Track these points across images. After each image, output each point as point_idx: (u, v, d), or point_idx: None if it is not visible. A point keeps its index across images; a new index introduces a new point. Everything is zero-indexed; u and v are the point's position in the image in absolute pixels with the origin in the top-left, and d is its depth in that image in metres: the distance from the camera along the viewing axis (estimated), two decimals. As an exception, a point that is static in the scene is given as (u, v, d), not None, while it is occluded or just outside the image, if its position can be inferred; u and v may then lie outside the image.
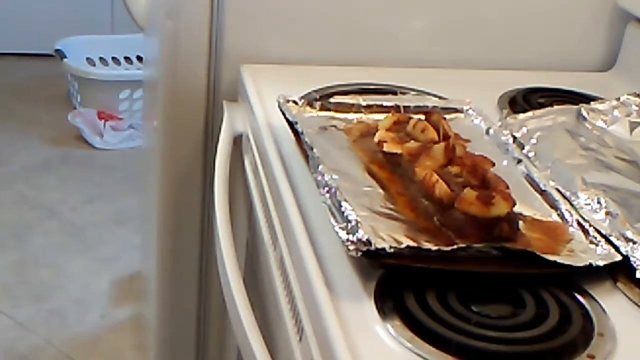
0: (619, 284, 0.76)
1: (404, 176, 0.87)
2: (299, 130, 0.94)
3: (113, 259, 2.29)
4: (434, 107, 1.05)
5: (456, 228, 0.78)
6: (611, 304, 0.74)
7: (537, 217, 0.84)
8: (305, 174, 0.90)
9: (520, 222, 0.81)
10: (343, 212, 0.77)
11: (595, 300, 0.74)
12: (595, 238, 0.80)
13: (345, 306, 0.70)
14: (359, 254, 0.73)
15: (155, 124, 1.34)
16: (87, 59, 3.08)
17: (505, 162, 0.95)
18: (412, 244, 0.75)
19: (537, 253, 0.75)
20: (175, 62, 1.24)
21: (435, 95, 1.12)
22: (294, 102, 1.02)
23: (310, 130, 0.95)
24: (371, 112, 1.03)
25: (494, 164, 0.86)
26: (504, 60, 1.30)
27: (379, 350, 0.66)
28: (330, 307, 0.69)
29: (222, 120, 1.17)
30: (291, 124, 0.97)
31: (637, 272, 0.75)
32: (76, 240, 2.36)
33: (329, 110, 1.03)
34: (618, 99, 1.09)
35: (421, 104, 1.05)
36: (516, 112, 1.08)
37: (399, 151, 0.89)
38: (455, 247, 0.74)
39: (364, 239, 0.73)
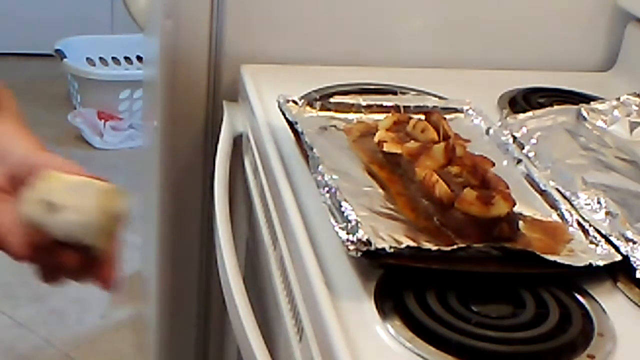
0: (619, 284, 0.76)
1: (404, 176, 0.87)
2: (299, 130, 0.94)
3: (113, 259, 2.28)
4: (434, 107, 1.05)
5: (456, 228, 0.78)
6: (611, 304, 0.74)
7: (537, 217, 0.84)
8: (305, 174, 0.89)
9: (520, 222, 0.81)
10: (343, 212, 0.77)
11: (595, 300, 0.74)
12: (595, 238, 0.80)
13: (345, 306, 0.70)
14: (359, 254, 0.73)
15: (155, 124, 1.34)
16: (87, 59, 3.08)
17: (505, 162, 0.95)
18: (412, 244, 0.75)
19: (537, 253, 0.75)
20: (175, 62, 1.24)
21: (435, 95, 1.12)
22: (294, 102, 1.02)
23: (310, 130, 0.95)
24: (371, 112, 1.03)
25: (494, 164, 0.86)
26: (504, 60, 1.30)
27: (379, 350, 0.66)
28: (330, 307, 0.69)
29: (222, 120, 1.17)
30: (291, 124, 0.97)
31: (637, 272, 0.75)
32: (76, 240, 2.35)
33: (329, 110, 1.03)
34: (618, 99, 1.09)
35: (421, 104, 1.05)
36: (516, 112, 1.08)
37: (399, 151, 0.89)
38: (455, 247, 0.74)
39: (364, 239, 0.73)
